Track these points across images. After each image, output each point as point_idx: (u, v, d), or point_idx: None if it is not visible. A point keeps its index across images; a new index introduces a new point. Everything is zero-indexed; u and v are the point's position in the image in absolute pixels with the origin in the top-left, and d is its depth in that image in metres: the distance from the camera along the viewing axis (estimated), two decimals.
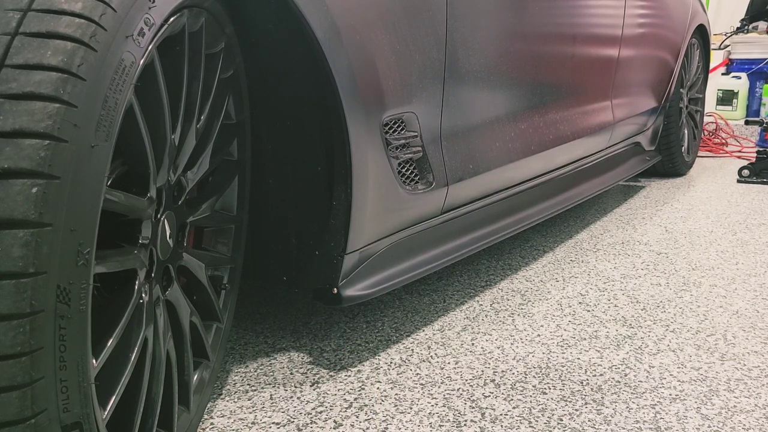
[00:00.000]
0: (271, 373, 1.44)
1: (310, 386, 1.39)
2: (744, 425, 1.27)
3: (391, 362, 1.50)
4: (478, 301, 1.86)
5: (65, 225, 0.70)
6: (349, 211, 1.32)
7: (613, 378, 1.43)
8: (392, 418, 1.27)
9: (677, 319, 1.76)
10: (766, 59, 5.51)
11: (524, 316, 1.76)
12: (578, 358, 1.52)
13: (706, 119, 4.75)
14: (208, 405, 1.31)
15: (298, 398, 1.34)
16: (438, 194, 1.60)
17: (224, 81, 1.19)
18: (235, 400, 1.34)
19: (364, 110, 1.31)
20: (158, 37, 0.88)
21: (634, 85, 2.90)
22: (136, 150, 0.91)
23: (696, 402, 1.34)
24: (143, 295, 0.96)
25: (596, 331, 1.67)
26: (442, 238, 1.71)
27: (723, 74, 5.69)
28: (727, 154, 4.58)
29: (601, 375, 1.45)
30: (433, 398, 1.34)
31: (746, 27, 5.73)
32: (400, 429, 1.23)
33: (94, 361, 0.80)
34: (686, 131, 3.79)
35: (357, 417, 1.27)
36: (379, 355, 1.53)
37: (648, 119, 3.18)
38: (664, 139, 3.48)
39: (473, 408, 1.31)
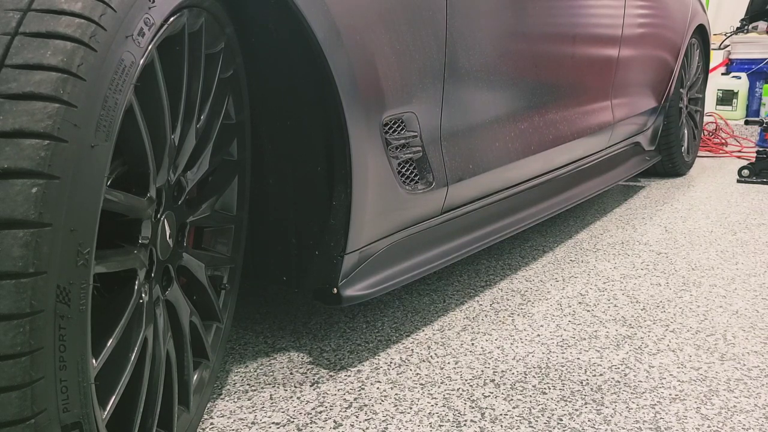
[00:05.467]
0: (271, 373, 1.44)
1: (310, 386, 1.39)
2: (744, 425, 1.27)
3: (390, 362, 1.50)
4: (477, 301, 1.86)
5: (65, 225, 0.70)
6: (349, 211, 1.32)
7: (612, 378, 1.43)
8: (392, 418, 1.27)
9: (677, 319, 1.76)
10: (766, 59, 5.51)
11: (524, 316, 1.76)
12: (578, 358, 1.52)
13: (706, 119, 4.75)
14: (208, 405, 1.31)
15: (298, 398, 1.34)
16: (438, 194, 1.60)
17: (224, 81, 1.19)
18: (235, 400, 1.34)
19: (364, 110, 1.31)
20: (158, 37, 0.88)
21: (634, 85, 2.90)
22: (136, 150, 0.91)
23: (696, 402, 1.34)
24: (143, 295, 0.96)
25: (596, 331, 1.67)
26: (441, 238, 1.71)
27: (723, 74, 5.69)
28: (727, 154, 4.58)
29: (600, 375, 1.45)
30: (432, 398, 1.34)
31: (746, 27, 5.73)
32: (399, 429, 1.24)
33: (94, 361, 0.80)
34: (686, 131, 3.79)
35: (357, 417, 1.27)
36: (379, 355, 1.53)
37: (648, 119, 3.18)
38: (664, 139, 3.48)
39: (473, 408, 1.31)
